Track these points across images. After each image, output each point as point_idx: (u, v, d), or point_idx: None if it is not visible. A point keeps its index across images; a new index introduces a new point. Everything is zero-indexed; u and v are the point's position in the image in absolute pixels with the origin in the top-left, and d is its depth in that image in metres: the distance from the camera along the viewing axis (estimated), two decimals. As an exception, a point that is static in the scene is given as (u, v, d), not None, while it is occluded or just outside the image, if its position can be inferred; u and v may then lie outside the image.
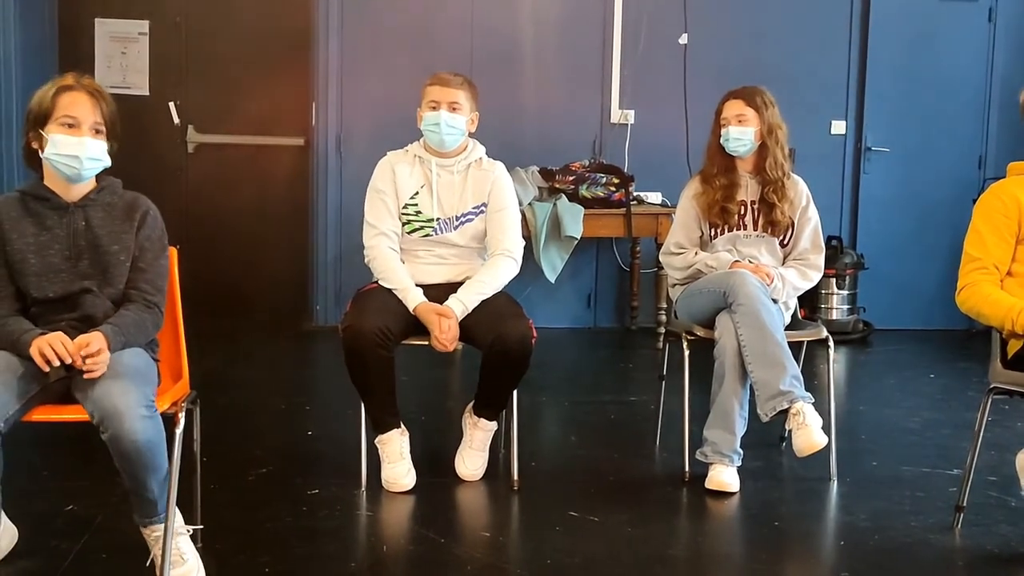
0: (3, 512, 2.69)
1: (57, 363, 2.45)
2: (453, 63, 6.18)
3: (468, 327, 3.43)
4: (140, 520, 2.59)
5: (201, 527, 2.85)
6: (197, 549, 2.80)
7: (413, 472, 3.48)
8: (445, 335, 3.36)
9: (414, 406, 4.31)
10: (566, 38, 6.38)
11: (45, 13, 6.44)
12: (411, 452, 3.51)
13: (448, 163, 3.59)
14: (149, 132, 6.64)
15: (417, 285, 3.49)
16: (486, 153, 3.70)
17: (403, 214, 3.59)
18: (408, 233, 3.59)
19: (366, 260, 3.60)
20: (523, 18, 6.33)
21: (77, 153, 2.60)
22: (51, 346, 2.45)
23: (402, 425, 3.52)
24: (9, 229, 2.62)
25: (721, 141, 3.75)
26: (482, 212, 3.60)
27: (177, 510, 2.64)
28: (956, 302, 3.14)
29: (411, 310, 3.43)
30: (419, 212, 3.58)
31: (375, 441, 3.50)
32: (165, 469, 2.52)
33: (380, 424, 3.49)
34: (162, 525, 2.57)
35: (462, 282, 3.54)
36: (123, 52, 6.79)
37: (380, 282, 3.54)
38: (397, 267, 3.53)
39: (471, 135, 3.66)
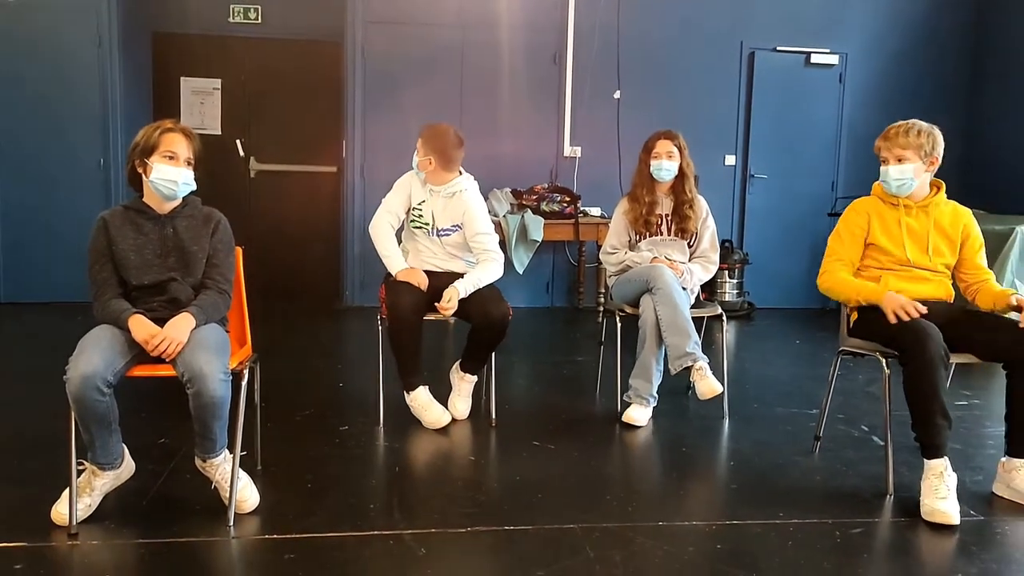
0: (126, 449, 2.66)
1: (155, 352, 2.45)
2: (448, 108, 6.18)
3: (464, 307, 3.42)
4: (201, 455, 2.55)
5: (245, 453, 2.79)
6: (257, 471, 2.81)
7: (445, 410, 3.48)
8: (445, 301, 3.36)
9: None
10: (530, 93, 6.34)
11: (143, 72, 6.38)
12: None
13: (438, 190, 3.57)
14: (221, 162, 6.58)
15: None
16: (474, 179, 3.67)
17: (411, 213, 3.59)
18: (414, 229, 3.60)
19: (370, 227, 3.58)
20: (500, 77, 6.29)
21: (176, 179, 2.59)
22: (155, 341, 2.44)
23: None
24: (115, 234, 2.60)
25: (652, 171, 3.75)
26: (457, 229, 3.58)
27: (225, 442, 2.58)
28: (817, 284, 3.13)
29: (394, 274, 3.42)
30: (421, 215, 3.57)
31: (407, 400, 3.45)
32: (226, 419, 2.49)
33: (410, 384, 3.44)
34: (219, 458, 2.55)
35: (452, 272, 3.53)
36: (201, 103, 6.71)
37: (376, 246, 3.52)
38: (390, 237, 3.53)
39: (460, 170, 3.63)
